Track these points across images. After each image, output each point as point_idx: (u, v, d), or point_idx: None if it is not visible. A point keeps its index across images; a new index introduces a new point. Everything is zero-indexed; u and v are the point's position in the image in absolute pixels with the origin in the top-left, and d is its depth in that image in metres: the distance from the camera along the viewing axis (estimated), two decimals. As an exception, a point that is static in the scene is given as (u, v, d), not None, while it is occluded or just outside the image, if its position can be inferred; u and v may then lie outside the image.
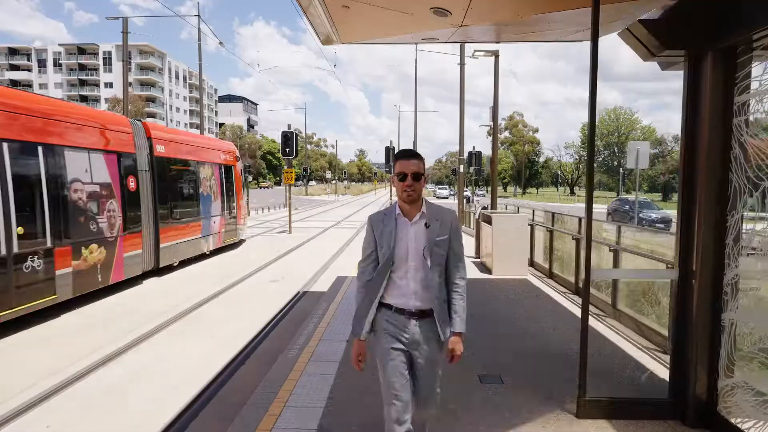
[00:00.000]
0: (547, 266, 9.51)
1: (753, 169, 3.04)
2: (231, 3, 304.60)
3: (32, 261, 6.84)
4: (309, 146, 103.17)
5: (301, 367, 4.65)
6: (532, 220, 10.77)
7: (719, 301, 3.29)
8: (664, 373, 4.10)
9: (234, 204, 15.05)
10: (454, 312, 2.48)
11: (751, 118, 3.09)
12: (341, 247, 15.20)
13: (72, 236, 7.77)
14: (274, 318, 7.42)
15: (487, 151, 35.08)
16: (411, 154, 2.44)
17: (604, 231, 8.96)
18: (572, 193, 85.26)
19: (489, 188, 23.70)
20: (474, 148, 23.47)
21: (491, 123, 22.86)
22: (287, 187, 21.05)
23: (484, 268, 10.07)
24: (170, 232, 11.00)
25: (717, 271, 3.31)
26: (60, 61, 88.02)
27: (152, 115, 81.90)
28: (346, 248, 14.83)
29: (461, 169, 20.68)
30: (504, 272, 9.21)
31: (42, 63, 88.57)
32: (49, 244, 7.20)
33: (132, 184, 9.63)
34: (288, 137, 19.32)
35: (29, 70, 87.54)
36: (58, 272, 7.32)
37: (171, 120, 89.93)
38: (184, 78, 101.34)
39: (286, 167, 19.47)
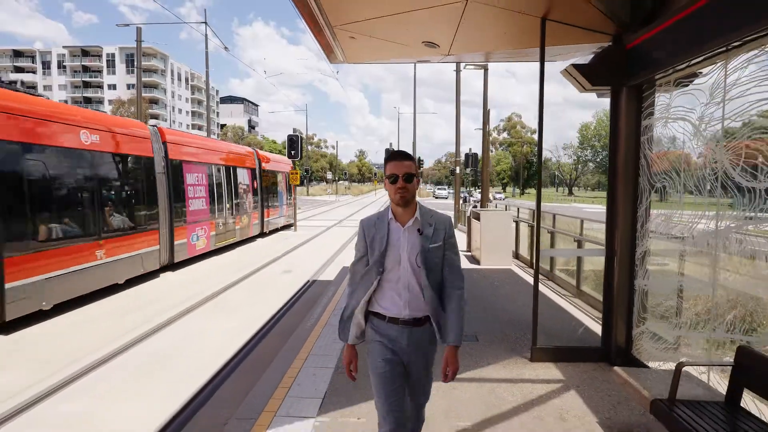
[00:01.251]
0: (529, 258, 10.68)
1: (652, 174, 4.20)
2: (230, 3, 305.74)
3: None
4: (309, 147, 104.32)
5: (318, 331, 5.82)
6: (518, 217, 11.95)
7: (633, 272, 4.46)
8: (598, 329, 5.27)
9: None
10: (449, 322, 2.36)
11: (652, 136, 4.25)
12: (344, 243, 16.35)
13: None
14: (290, 300, 8.58)
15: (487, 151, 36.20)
16: (402, 155, 2.38)
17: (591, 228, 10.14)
18: (570, 193, 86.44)
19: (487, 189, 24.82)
20: (470, 150, 24.62)
21: (488, 126, 24.06)
22: (292, 188, 22.22)
23: (473, 259, 11.24)
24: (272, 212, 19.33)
25: (631, 250, 4.47)
26: (64, 63, 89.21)
27: (155, 117, 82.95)
28: (349, 244, 15.98)
29: (457, 171, 21.88)
30: (491, 263, 10.38)
31: (46, 65, 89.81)
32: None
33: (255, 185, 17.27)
34: (293, 140, 20.52)
35: (33, 72, 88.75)
36: (237, 228, 14.86)
37: (173, 121, 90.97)
38: (186, 80, 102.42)
39: (291, 169, 20.61)
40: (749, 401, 2.90)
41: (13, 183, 6.95)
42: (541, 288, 8.50)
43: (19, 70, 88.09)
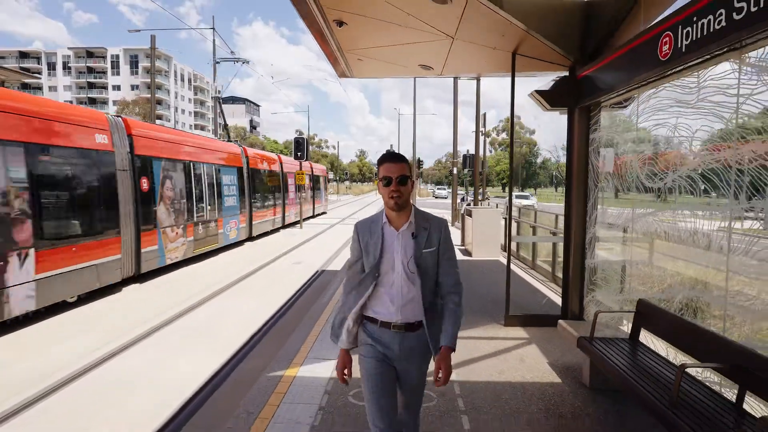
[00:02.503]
0: (515, 250, 11.88)
1: (596, 178, 5.38)
2: (230, 3, 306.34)
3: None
4: (310, 147, 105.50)
5: (330, 308, 7.00)
6: (506, 213, 13.13)
7: (584, 253, 5.64)
8: (558, 300, 6.46)
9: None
10: (444, 324, 2.34)
11: (597, 147, 5.43)
12: (347, 240, 17.56)
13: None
14: (303, 286, 9.78)
15: (486, 151, 37.49)
16: (395, 157, 2.32)
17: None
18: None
19: (485, 188, 26.06)
20: (468, 151, 25.87)
21: (483, 129, 25.26)
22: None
23: (466, 252, 12.44)
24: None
25: (582, 236, 5.65)
26: (69, 65, 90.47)
27: (159, 117, 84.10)
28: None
29: (455, 172, 23.10)
30: (481, 255, 11.58)
31: (51, 66, 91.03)
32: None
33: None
34: (300, 143, 21.73)
35: (39, 73, 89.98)
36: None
37: (177, 122, 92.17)
38: (189, 80, 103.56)
39: (298, 170, 21.79)
40: (644, 337, 4.07)
41: None
42: (523, 274, 9.72)
43: (24, 70, 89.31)
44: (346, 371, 2.38)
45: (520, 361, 4.86)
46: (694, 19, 3.28)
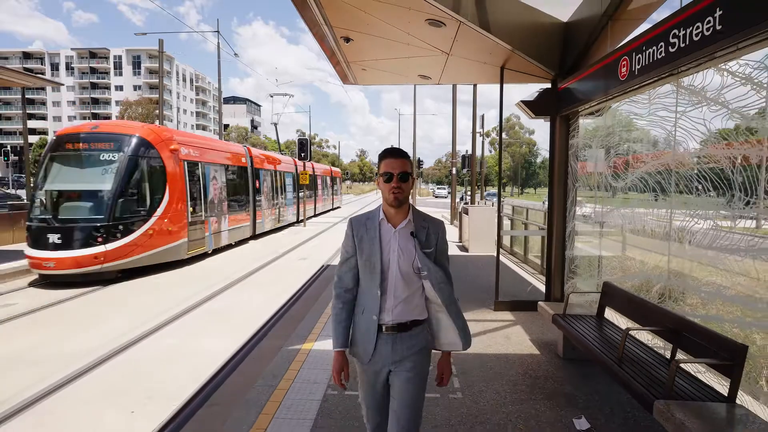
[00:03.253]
0: (510, 246, 12.60)
1: (574, 178, 6.09)
2: (230, 2, 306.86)
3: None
4: (311, 147, 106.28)
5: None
6: (501, 211, 13.85)
7: (564, 245, 6.35)
8: (543, 287, 7.18)
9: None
10: (442, 329, 2.31)
11: (575, 150, 6.14)
12: (343, 240, 18.29)
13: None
14: (310, 279, 10.50)
15: (484, 152, 38.30)
16: (397, 153, 2.27)
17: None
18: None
19: (483, 188, 26.81)
20: (467, 151, 26.58)
21: (481, 131, 25.97)
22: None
23: (463, 248, 13.16)
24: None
25: (563, 230, 6.36)
26: (72, 65, 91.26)
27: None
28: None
29: (453, 172, 23.81)
30: (478, 251, 12.29)
31: (55, 66, 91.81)
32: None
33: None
34: (303, 143, 22.46)
35: (42, 73, 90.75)
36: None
37: (179, 122, 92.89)
38: (191, 81, 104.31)
39: (302, 170, 22.51)
40: (609, 314, 4.78)
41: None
42: (515, 268, 10.45)
43: (28, 71, 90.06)
44: (342, 374, 2.33)
45: (505, 338, 5.57)
46: (644, 48, 3.99)
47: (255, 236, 17.63)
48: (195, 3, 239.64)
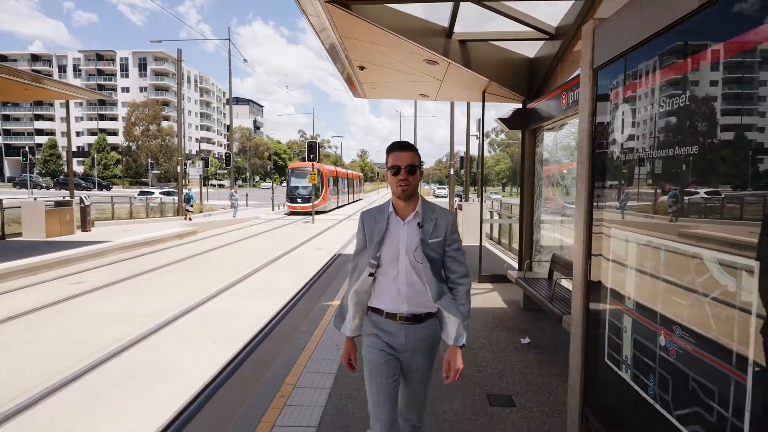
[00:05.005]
0: (497, 236, 14.40)
1: (539, 179, 7.87)
2: (230, 2, 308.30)
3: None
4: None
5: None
6: (492, 207, 15.66)
7: (532, 230, 8.13)
8: (516, 265, 8.97)
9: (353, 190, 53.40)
10: (451, 321, 2.28)
11: (540, 157, 7.91)
12: (356, 232, 20.11)
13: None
14: (325, 265, 12.30)
15: (484, 152, 40.51)
16: (405, 146, 2.30)
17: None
18: (567, 193, 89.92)
19: (484, 188, 28.61)
20: (466, 153, 28.34)
21: (478, 134, 27.70)
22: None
23: (458, 240, 14.97)
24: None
25: (531, 218, 8.13)
26: (79, 67, 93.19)
27: (166, 119, 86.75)
28: (361, 232, 19.91)
29: (451, 172, 25.64)
30: (469, 242, 14.07)
31: (62, 69, 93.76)
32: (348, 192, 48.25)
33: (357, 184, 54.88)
34: (312, 146, 24.26)
35: (50, 75, 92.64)
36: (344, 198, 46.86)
37: (183, 122, 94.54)
38: (196, 82, 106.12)
39: (311, 170, 24.34)
40: (556, 276, 6.55)
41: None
42: (499, 253, 12.25)
43: (35, 72, 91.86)
44: (351, 358, 2.40)
45: (483, 299, 7.36)
46: (573, 88, 5.77)
47: (340, 206, 39.79)
48: (195, 3, 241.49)
